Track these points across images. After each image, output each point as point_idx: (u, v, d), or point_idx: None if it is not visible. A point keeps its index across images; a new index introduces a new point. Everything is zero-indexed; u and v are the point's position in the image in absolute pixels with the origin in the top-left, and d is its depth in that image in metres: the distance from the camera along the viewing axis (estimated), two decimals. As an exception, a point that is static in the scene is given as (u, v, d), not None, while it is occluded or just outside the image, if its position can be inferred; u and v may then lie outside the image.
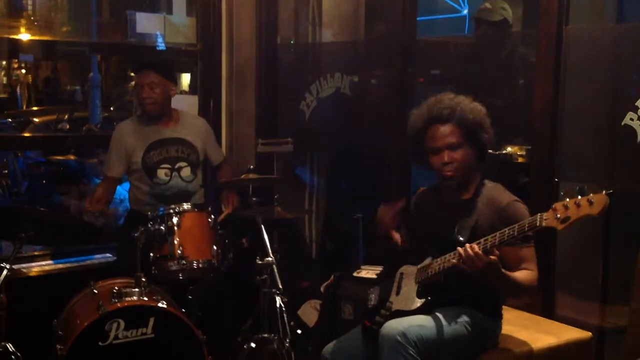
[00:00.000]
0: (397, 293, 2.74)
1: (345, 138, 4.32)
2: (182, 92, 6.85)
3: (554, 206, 2.27)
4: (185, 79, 6.91)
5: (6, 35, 4.32)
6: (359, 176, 4.37)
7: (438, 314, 2.60)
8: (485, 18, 3.74)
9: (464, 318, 2.61)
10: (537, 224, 2.30)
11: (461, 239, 2.58)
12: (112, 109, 11.04)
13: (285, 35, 4.56)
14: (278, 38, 4.49)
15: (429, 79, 4.59)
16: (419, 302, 2.64)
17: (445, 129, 2.64)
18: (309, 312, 3.95)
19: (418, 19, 3.98)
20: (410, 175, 4.23)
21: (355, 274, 3.51)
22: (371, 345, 2.65)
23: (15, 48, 5.28)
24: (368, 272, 3.17)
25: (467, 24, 5.07)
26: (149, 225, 3.12)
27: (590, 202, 2.19)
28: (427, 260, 2.68)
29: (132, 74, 10.54)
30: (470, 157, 2.68)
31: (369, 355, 2.68)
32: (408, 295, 2.69)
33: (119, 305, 2.84)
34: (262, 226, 3.19)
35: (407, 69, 3.99)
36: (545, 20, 3.12)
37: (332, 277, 3.76)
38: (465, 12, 5.34)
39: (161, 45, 4.44)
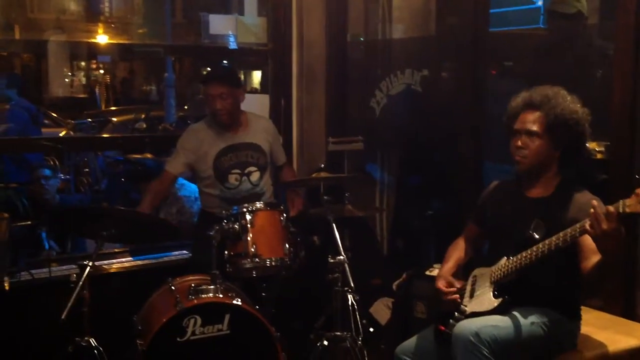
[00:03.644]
0: (471, 296, 2.71)
1: (416, 135, 4.29)
2: (253, 90, 6.96)
3: (637, 191, 2.19)
4: (257, 76, 7.01)
5: (85, 40, 4.48)
6: (430, 173, 4.33)
7: (514, 314, 2.56)
8: (559, 10, 3.63)
9: (541, 318, 2.56)
10: (620, 210, 2.23)
11: (536, 236, 2.54)
12: (186, 107, 11.31)
13: (355, 32, 4.56)
14: (348, 35, 4.49)
15: (502, 72, 4.49)
16: (495, 303, 2.60)
17: (532, 115, 2.65)
18: (381, 309, 3.95)
19: (490, 11, 3.90)
20: (482, 171, 4.17)
21: (427, 273, 3.50)
22: (445, 348, 2.63)
23: (93, 51, 5.49)
24: (441, 271, 3.12)
25: (541, 15, 4.94)
26: (223, 224, 3.18)
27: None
28: (502, 260, 2.64)
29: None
30: (545, 150, 2.64)
31: (443, 357, 2.66)
32: (483, 297, 2.65)
33: (195, 302, 2.90)
34: (334, 224, 3.20)
35: (479, 63, 3.92)
36: (623, 12, 3.01)
37: (404, 274, 3.76)
38: (540, 3, 5.20)
39: (233, 46, 4.52)
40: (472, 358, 2.47)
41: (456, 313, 2.67)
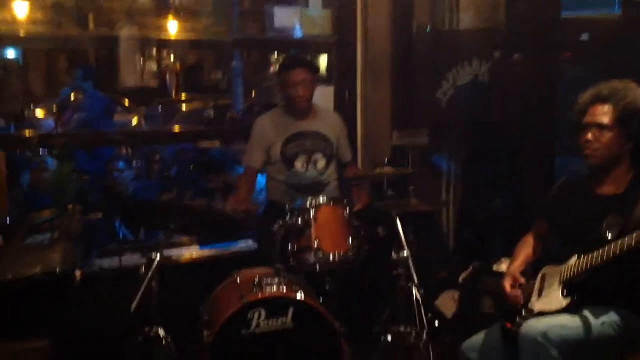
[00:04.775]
0: (540, 295, 2.65)
1: (484, 126, 4.21)
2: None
3: None
4: (322, 60, 7.00)
5: (154, 32, 4.56)
6: (497, 164, 4.25)
7: (584, 314, 2.50)
8: (635, -1, 3.48)
9: (612, 318, 2.50)
10: None
11: (609, 236, 2.46)
12: (253, 95, 11.42)
13: (421, 22, 4.47)
14: (414, 26, 4.41)
15: (575, 59, 4.35)
16: (564, 302, 2.55)
17: (601, 107, 2.59)
18: (447, 302, 3.91)
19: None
20: (553, 163, 4.06)
21: (495, 268, 3.43)
22: (511, 346, 2.59)
23: (162, 44, 5.62)
24: (509, 266, 3.06)
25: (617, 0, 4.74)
26: (287, 218, 3.21)
27: None
28: (573, 259, 2.57)
29: (275, 67, 10.85)
30: (617, 144, 2.58)
31: (509, 356, 2.62)
32: (551, 295, 2.59)
33: (260, 295, 2.94)
34: (398, 219, 3.17)
35: (550, 51, 3.80)
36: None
37: (471, 267, 3.71)
38: (616, -14, 4.98)
39: (298, 38, 4.53)
40: (540, 358, 2.43)
41: (523, 311, 2.62)
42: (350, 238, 3.22)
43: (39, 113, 7.77)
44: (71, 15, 5.59)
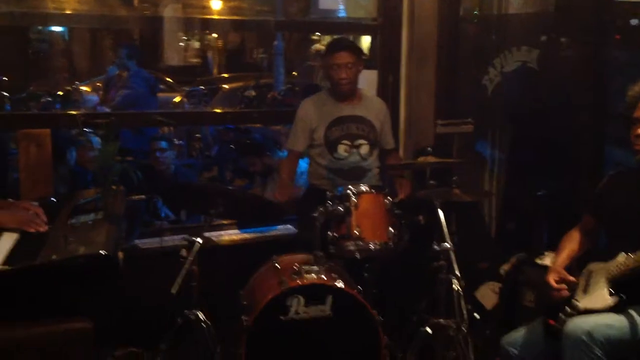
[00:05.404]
0: (585, 292, 2.59)
1: (531, 114, 4.12)
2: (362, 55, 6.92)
3: None
4: (365, 40, 6.92)
5: (198, 15, 4.56)
6: (544, 153, 4.16)
7: (631, 313, 2.45)
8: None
9: (661, 319, 2.42)
10: None
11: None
12: (294, 73, 11.42)
13: (469, 6, 4.38)
14: (461, 10, 4.32)
15: (624, 44, 4.22)
16: (610, 301, 2.49)
17: None
18: (487, 294, 3.86)
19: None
20: (603, 153, 3.96)
21: (538, 260, 3.37)
22: (553, 343, 2.54)
23: (206, 23, 5.61)
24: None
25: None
26: (328, 205, 3.19)
27: None
28: (621, 257, 2.50)
29: (316, 47, 10.79)
30: None
31: (551, 352, 2.58)
32: (597, 293, 2.54)
33: (299, 282, 2.94)
34: (440, 210, 3.13)
35: (602, 38, 3.69)
36: None
37: (513, 259, 3.65)
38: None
39: (342, 20, 4.47)
40: (584, 357, 2.40)
41: (567, 308, 2.57)
42: (391, 227, 3.19)
43: (84, 90, 7.88)
44: (116, -6, 5.63)
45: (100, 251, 2.41)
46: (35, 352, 2.37)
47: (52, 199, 3.15)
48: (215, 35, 13.89)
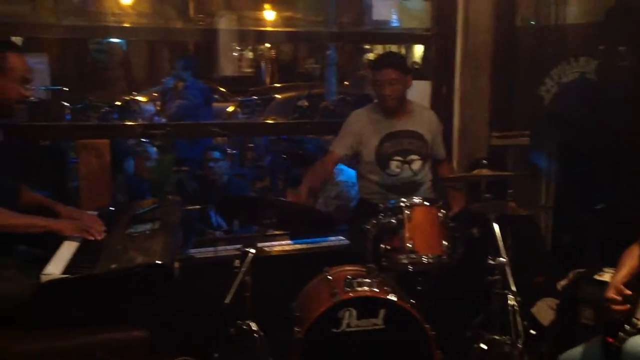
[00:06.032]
0: (646, 309, 2.51)
1: (589, 126, 4.02)
2: (414, 65, 6.88)
3: None
4: (418, 50, 6.88)
5: (252, 27, 4.61)
6: (602, 166, 4.05)
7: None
8: None
9: None
10: None
11: None
12: (346, 83, 11.43)
13: (525, 16, 4.30)
14: (517, 19, 4.26)
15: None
16: (672, 319, 2.40)
17: None
18: (544, 310, 3.77)
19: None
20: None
21: (596, 277, 3.28)
22: (613, 363, 2.47)
23: (259, 35, 5.68)
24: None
25: None
26: (380, 217, 3.18)
27: None
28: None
29: (368, 58, 10.78)
30: None
31: (610, 373, 2.50)
32: (659, 312, 2.44)
33: (351, 294, 2.93)
34: (495, 223, 3.08)
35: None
36: None
37: (570, 274, 3.57)
38: None
39: (395, 31, 4.46)
40: (644, 378, 2.30)
41: (627, 326, 2.50)
42: (444, 240, 3.16)
43: (141, 100, 8.07)
44: (173, 4, 5.75)
45: (157, 261, 2.46)
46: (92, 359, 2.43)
47: (110, 208, 3.23)
48: (268, 45, 14.02)
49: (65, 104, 6.82)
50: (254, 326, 3.02)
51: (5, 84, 2.71)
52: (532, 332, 3.27)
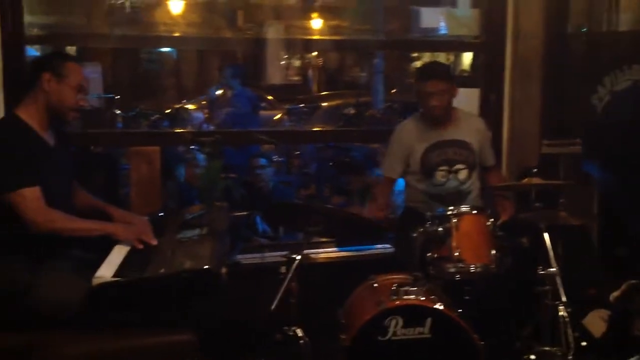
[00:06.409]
0: None
1: (643, 135, 3.92)
2: (463, 72, 6.82)
3: None
4: (467, 57, 6.82)
5: (300, 35, 4.65)
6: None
7: None
8: None
9: None
10: None
11: None
12: (393, 91, 11.39)
13: (577, 23, 4.23)
14: (568, 26, 4.19)
15: None
16: None
17: None
18: (596, 322, 3.69)
19: None
20: None
21: (651, 289, 3.20)
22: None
23: (306, 44, 5.74)
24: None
25: None
26: (427, 225, 3.15)
27: None
28: None
29: (416, 66, 10.74)
30: None
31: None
32: None
33: (398, 302, 2.91)
34: (546, 233, 3.03)
35: None
36: None
37: (624, 286, 3.48)
38: None
39: (443, 39, 4.44)
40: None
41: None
42: (493, 249, 3.11)
43: (190, 108, 8.19)
44: (222, 14, 5.85)
45: (205, 266, 2.50)
46: (141, 362, 2.48)
47: (160, 214, 3.28)
48: (315, 53, 14.09)
49: (117, 111, 6.99)
50: (299, 332, 3.03)
51: (62, 90, 2.78)
52: (583, 343, 3.21)
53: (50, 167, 2.77)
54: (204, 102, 8.69)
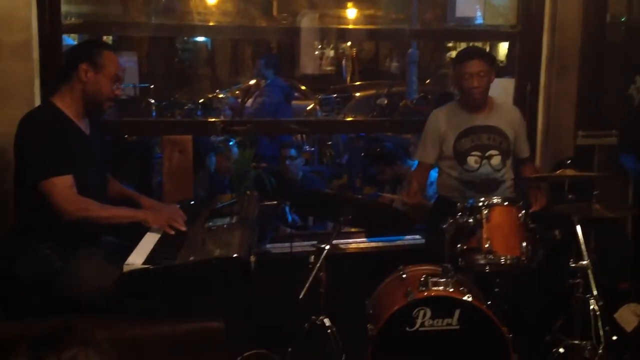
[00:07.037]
0: None
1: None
2: (499, 62, 6.75)
3: None
4: (502, 47, 6.73)
5: (334, 25, 4.63)
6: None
7: None
8: None
9: None
10: None
11: None
12: (427, 82, 11.29)
13: (616, 12, 4.13)
14: (607, 16, 4.09)
15: None
16: None
17: None
18: (628, 316, 3.62)
19: None
20: None
21: (685, 284, 3.13)
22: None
23: (341, 33, 5.71)
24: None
25: None
26: (458, 217, 3.13)
27: None
28: None
29: (451, 56, 10.64)
30: None
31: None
32: None
33: (426, 294, 2.90)
34: (579, 226, 2.98)
35: None
36: None
37: (657, 280, 3.42)
38: None
39: (480, 28, 4.38)
40: None
41: None
42: (524, 241, 3.08)
43: (224, 97, 8.23)
44: (256, 3, 5.87)
45: (234, 254, 2.51)
46: (170, 348, 2.51)
47: (191, 202, 3.32)
48: (349, 43, 14.03)
49: (152, 100, 7.06)
50: (327, 322, 3.05)
51: (99, 80, 2.82)
52: (614, 338, 3.15)
53: (85, 155, 2.81)
54: (238, 92, 8.74)
